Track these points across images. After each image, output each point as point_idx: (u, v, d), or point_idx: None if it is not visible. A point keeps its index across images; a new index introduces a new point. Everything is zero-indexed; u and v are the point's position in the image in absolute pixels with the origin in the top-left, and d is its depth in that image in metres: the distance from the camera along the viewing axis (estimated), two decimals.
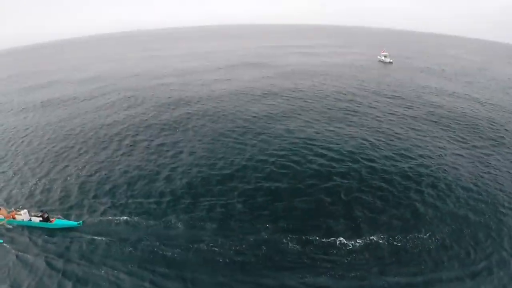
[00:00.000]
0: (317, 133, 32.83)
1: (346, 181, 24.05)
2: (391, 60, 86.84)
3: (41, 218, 21.37)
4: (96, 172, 26.83)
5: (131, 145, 31.47)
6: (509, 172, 26.80)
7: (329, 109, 41.81)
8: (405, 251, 17.48)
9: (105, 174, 26.37)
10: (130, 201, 22.56)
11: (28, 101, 53.54)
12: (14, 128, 39.40)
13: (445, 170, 26.74)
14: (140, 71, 76.44)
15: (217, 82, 58.46)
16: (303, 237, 18.11)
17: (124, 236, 19.02)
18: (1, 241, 20.33)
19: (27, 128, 38.67)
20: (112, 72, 78.74)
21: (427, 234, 18.79)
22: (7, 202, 23.64)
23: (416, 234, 18.79)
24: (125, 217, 20.47)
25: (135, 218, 20.34)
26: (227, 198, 22.14)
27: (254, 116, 37.79)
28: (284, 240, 17.85)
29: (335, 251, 17.19)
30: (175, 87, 55.60)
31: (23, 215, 21.62)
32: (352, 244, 17.62)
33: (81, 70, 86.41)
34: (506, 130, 36.03)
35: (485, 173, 26.87)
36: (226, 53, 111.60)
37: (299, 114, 38.96)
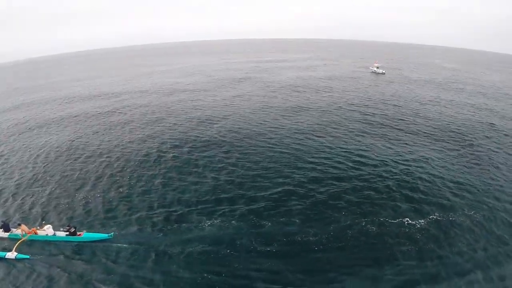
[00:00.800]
0: (346, 142, 38.22)
1: (386, 179, 29.47)
2: (384, 71, 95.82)
3: (67, 232, 21.97)
4: (143, 185, 29.25)
5: (169, 159, 34.29)
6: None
7: (345, 118, 47.84)
8: (459, 227, 22.86)
9: (155, 186, 28.99)
10: (192, 207, 25.40)
11: (37, 116, 56.36)
12: (32, 144, 41.57)
13: (464, 167, 32.82)
14: (145, 87, 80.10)
15: (229, 98, 63.01)
16: (375, 219, 23.17)
17: (213, 239, 21.45)
18: (28, 256, 20.68)
19: (46, 144, 40.90)
20: (115, 87, 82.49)
21: (470, 213, 24.50)
22: (45, 219, 24.82)
23: (461, 213, 24.47)
24: (203, 222, 23.14)
25: (212, 222, 23.03)
26: (291, 196, 26.45)
27: (283, 129, 42.79)
28: (363, 224, 22.69)
29: (406, 230, 22.24)
30: (189, 103, 59.61)
31: (46, 230, 22.09)
32: (417, 223, 22.77)
33: (81, 86, 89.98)
34: (506, 134, 43.13)
35: (496, 168, 33.10)
36: (222, 67, 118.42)
37: (320, 125, 44.58)
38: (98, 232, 22.56)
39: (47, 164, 34.86)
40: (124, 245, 21.42)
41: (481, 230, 22.91)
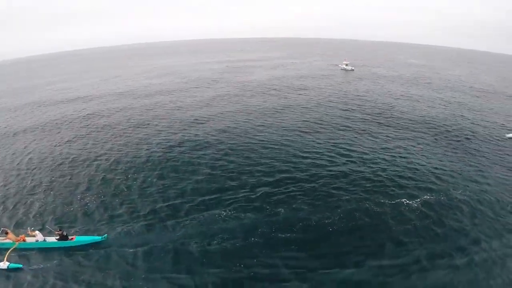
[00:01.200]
0: (332, 137, 40.68)
1: (375, 168, 32.24)
2: (353, 68, 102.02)
3: (57, 237, 21.74)
4: (138, 186, 29.53)
5: (163, 159, 34.68)
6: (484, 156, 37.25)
7: (326, 114, 50.83)
8: (449, 207, 25.95)
9: (152, 186, 29.45)
10: (198, 202, 26.34)
11: (11, 122, 54.79)
12: (10, 151, 40.55)
13: (442, 155, 36.43)
14: (122, 89, 79.20)
15: (210, 99, 63.49)
16: (377, 201, 25.96)
17: (233, 231, 22.63)
18: (21, 265, 20.31)
19: (24, 151, 39.92)
20: (89, 90, 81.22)
21: (456, 194, 27.83)
22: (33, 225, 24.24)
23: (448, 194, 27.75)
24: (218, 215, 24.26)
25: (227, 214, 24.39)
26: (293, 186, 28.55)
27: (270, 127, 44.77)
28: (366, 205, 25.33)
29: (406, 208, 25.27)
30: (171, 105, 59.75)
31: (37, 236, 21.87)
32: (414, 202, 25.94)
33: (65, 87, 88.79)
34: (476, 124, 48.10)
35: (471, 154, 37.04)
36: (192, 67, 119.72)
37: (305, 121, 47.25)
38: (91, 235, 22.61)
39: (32, 170, 34.28)
40: (121, 247, 21.60)
41: (469, 208, 26.18)
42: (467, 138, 41.78)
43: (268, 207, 25.38)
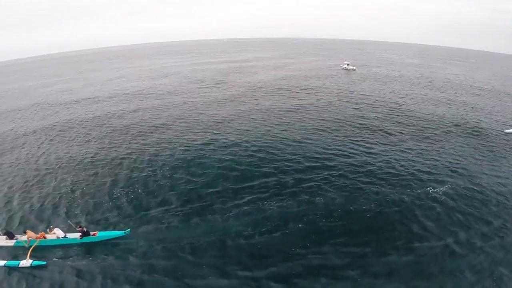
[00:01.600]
0: (350, 135, 42.70)
1: (396, 162, 34.60)
2: (354, 68, 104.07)
3: (80, 233, 21.75)
4: (164, 182, 30.38)
5: (194, 158, 35.78)
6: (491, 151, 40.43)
7: (339, 113, 53.16)
8: (469, 196, 28.39)
9: (179, 181, 30.54)
10: (231, 196, 27.71)
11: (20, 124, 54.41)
12: (23, 152, 41.13)
13: (452, 149, 38.93)
14: (127, 90, 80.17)
15: (221, 100, 65.04)
16: (403, 192, 28.28)
17: (278, 218, 24.23)
18: (44, 262, 20.16)
19: (37, 152, 40.55)
20: (89, 92, 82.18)
21: (475, 183, 30.50)
22: (51, 222, 24.55)
23: (465, 184, 30.32)
24: (263, 206, 25.80)
25: (269, 203, 26.12)
26: (325, 179, 30.73)
27: (288, 125, 47.21)
28: (396, 195, 27.56)
29: (433, 196, 27.78)
30: (184, 106, 61.09)
31: (57, 233, 21.78)
32: (438, 191, 28.34)
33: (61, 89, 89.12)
34: (481, 120, 51.37)
35: (477, 149, 39.52)
36: (197, 67, 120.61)
37: (323, 119, 49.65)
38: (113, 230, 22.79)
39: (53, 169, 34.93)
40: (161, 241, 21.99)
41: (487, 197, 28.37)
42: (473, 134, 44.47)
43: (306, 196, 27.34)
